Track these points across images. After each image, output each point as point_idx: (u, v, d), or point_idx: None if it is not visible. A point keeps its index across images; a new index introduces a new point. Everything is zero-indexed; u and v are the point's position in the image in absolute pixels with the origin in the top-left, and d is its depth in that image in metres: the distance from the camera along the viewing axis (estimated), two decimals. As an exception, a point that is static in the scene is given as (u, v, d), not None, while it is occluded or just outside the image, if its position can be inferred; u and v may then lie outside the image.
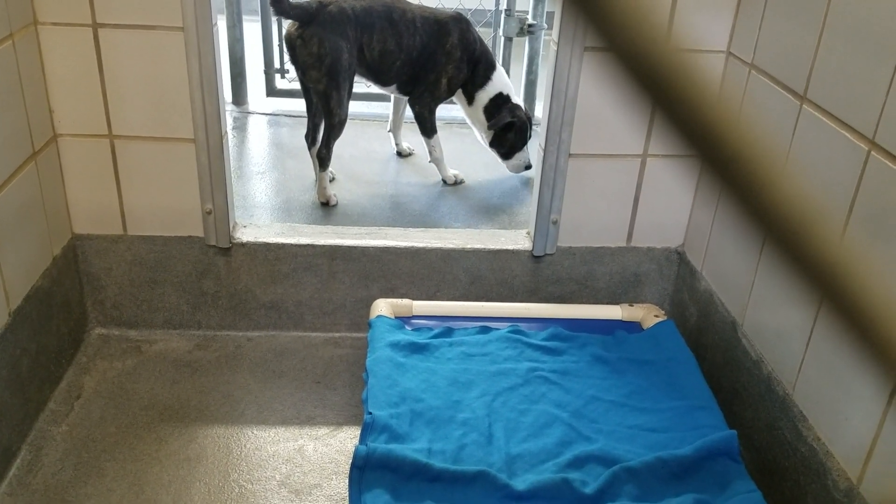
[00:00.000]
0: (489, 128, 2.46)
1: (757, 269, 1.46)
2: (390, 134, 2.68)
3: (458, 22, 2.35)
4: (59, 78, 1.54)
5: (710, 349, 1.65)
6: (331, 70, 2.15)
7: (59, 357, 1.63)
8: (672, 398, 1.45)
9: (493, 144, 2.48)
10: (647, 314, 1.71)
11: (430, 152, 2.47)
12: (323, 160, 2.23)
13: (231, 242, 1.73)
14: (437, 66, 2.35)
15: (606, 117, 1.65)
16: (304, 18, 2.13)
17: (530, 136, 2.49)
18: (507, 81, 2.47)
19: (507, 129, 2.44)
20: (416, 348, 1.53)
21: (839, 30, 1.22)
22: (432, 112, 2.44)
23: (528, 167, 2.49)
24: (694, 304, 1.74)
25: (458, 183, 2.48)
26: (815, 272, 0.29)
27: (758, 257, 1.46)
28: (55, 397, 1.57)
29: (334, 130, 2.22)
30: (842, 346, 1.19)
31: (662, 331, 1.64)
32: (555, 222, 1.75)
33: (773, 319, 1.41)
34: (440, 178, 2.49)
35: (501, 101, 2.43)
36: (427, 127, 2.43)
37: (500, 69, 2.46)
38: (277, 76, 3.07)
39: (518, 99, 2.49)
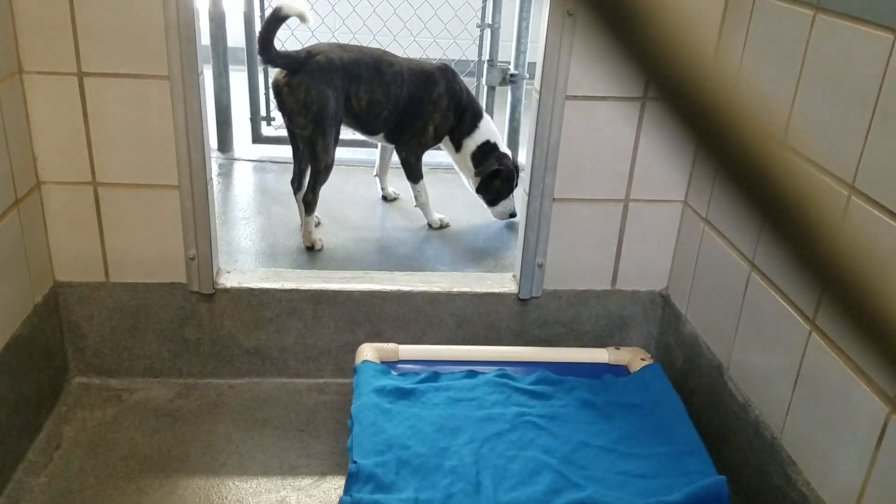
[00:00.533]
0: (476, 174, 2.49)
1: (741, 312, 1.47)
2: (376, 178, 2.70)
3: (445, 73, 2.39)
4: (43, 126, 1.54)
5: (697, 392, 1.64)
6: (317, 117, 2.17)
7: (39, 406, 1.59)
8: (661, 443, 1.44)
9: (479, 190, 2.50)
10: (633, 357, 1.71)
11: (416, 197, 2.48)
12: (309, 205, 2.24)
13: (214, 288, 1.71)
14: (424, 115, 2.38)
15: (589, 163, 1.67)
16: (292, 67, 2.16)
17: (516, 185, 2.52)
18: (494, 130, 2.51)
19: (494, 177, 2.46)
20: (402, 394, 1.51)
21: (817, 75, 1.25)
22: (419, 158, 2.46)
23: (513, 215, 2.52)
24: (679, 348, 1.74)
25: (443, 227, 2.49)
26: (817, 263, 0.29)
27: (741, 300, 1.46)
28: (34, 448, 1.54)
29: (320, 176, 2.23)
30: (830, 387, 1.19)
31: (649, 374, 1.63)
32: (540, 265, 1.75)
33: (759, 362, 1.41)
34: (426, 222, 2.50)
35: (489, 148, 2.46)
36: (413, 173, 2.45)
37: (486, 118, 2.50)
38: (263, 123, 3.09)
39: (505, 148, 2.53)
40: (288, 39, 3.15)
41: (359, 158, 3.03)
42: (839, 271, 0.28)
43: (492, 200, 2.50)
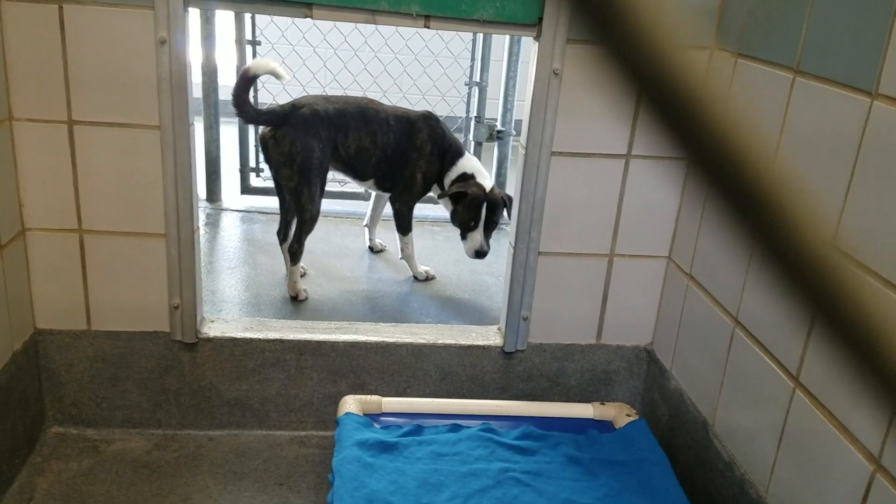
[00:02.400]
0: (439, 196, 2.46)
1: (725, 369, 1.47)
2: (366, 228, 2.71)
3: (428, 119, 2.43)
4: (31, 172, 1.55)
5: (683, 450, 1.63)
6: (302, 168, 2.18)
7: (13, 456, 1.56)
8: (646, 501, 1.43)
9: (452, 220, 2.44)
10: (618, 413, 1.70)
11: (402, 249, 2.49)
12: (294, 255, 2.24)
13: (197, 337, 1.70)
14: (410, 162, 2.40)
15: (574, 217, 1.69)
16: (275, 122, 2.19)
17: (495, 222, 2.40)
18: (475, 164, 2.45)
19: (457, 201, 2.38)
20: (384, 447, 1.49)
21: (797, 135, 1.28)
22: (411, 210, 2.47)
23: (483, 254, 2.38)
24: (665, 404, 1.73)
25: (428, 279, 2.49)
26: (808, 277, 0.28)
27: (726, 356, 1.46)
28: (6, 499, 1.50)
29: (305, 225, 2.24)
30: (814, 445, 1.19)
31: (635, 430, 1.62)
32: (525, 319, 1.75)
33: (744, 420, 1.40)
34: (412, 274, 2.50)
35: (464, 178, 2.42)
36: (404, 224, 2.46)
37: (468, 156, 2.47)
38: (252, 174, 3.11)
39: (488, 182, 2.44)
40: (279, 94, 3.21)
41: (346, 210, 3.05)
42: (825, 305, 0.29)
43: (462, 233, 2.39)
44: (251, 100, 2.20)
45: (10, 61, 1.47)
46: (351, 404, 1.62)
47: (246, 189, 3.09)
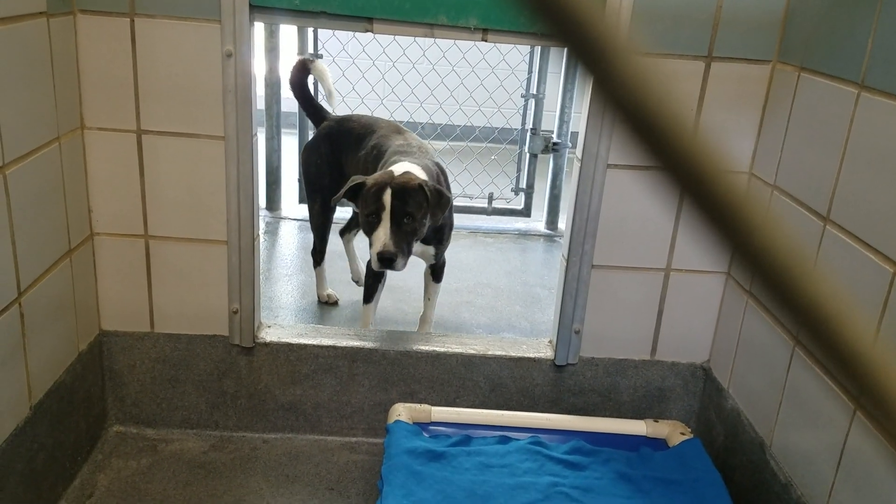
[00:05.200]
0: (332, 202, 1.94)
1: (784, 389, 1.43)
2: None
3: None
4: (100, 179, 1.61)
5: (738, 470, 1.59)
6: (304, 177, 2.33)
7: (76, 454, 1.61)
8: (698, 521, 1.40)
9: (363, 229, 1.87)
10: (672, 431, 1.67)
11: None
12: (313, 257, 2.35)
13: (255, 342, 1.74)
14: None
15: (629, 231, 1.67)
16: (314, 121, 2.37)
17: (409, 213, 1.73)
18: (408, 166, 1.88)
19: (354, 196, 1.83)
20: (433, 456, 1.49)
21: (861, 152, 1.24)
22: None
23: (389, 259, 1.71)
24: (721, 423, 1.70)
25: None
26: (850, 368, 0.29)
27: (785, 376, 1.43)
28: (67, 495, 1.55)
29: (314, 234, 2.34)
30: (874, 468, 1.15)
31: (689, 449, 1.59)
32: (577, 332, 1.74)
33: (802, 441, 1.36)
34: (463, 285, 2.51)
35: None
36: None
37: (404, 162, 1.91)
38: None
39: (419, 173, 1.85)
40: (338, 106, 3.26)
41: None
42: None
43: (367, 235, 1.82)
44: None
45: (83, 72, 1.53)
46: (401, 412, 1.63)
47: (304, 198, 3.15)
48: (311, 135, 3.15)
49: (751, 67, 1.56)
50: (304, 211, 3.10)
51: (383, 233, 1.72)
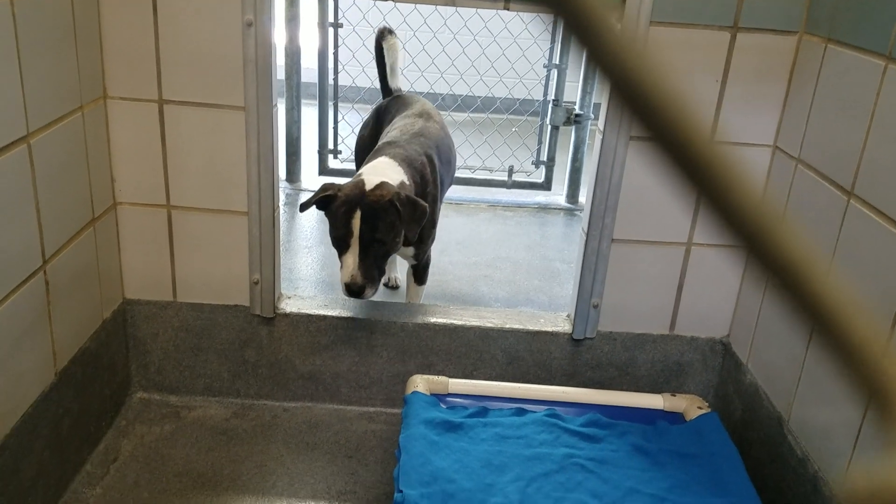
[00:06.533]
0: (300, 208, 1.76)
1: (804, 364, 1.43)
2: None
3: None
4: (123, 149, 1.62)
5: (755, 445, 1.60)
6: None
7: (100, 419, 1.65)
8: (714, 494, 1.40)
9: None
10: (690, 405, 1.67)
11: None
12: None
13: (275, 312, 1.75)
14: None
15: (651, 205, 1.66)
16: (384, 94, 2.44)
17: (378, 240, 1.65)
18: (384, 167, 1.82)
19: (325, 206, 1.72)
20: (450, 427, 1.51)
21: (887, 126, 1.22)
22: None
23: (356, 291, 1.66)
24: (739, 398, 1.70)
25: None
26: (861, 368, 0.29)
27: (804, 351, 1.42)
28: (92, 459, 1.59)
29: None
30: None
31: (706, 424, 1.59)
32: (596, 306, 1.74)
33: (820, 416, 1.36)
34: (482, 258, 2.51)
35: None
36: None
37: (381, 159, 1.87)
38: (330, 156, 3.17)
39: (396, 171, 1.78)
40: (358, 76, 3.24)
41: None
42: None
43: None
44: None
45: (105, 42, 1.54)
46: (419, 383, 1.65)
47: (324, 170, 3.15)
48: (331, 106, 3.15)
49: (777, 39, 1.53)
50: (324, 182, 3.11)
51: (352, 261, 1.67)
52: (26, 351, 1.32)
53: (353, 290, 1.67)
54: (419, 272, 2.03)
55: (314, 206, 1.74)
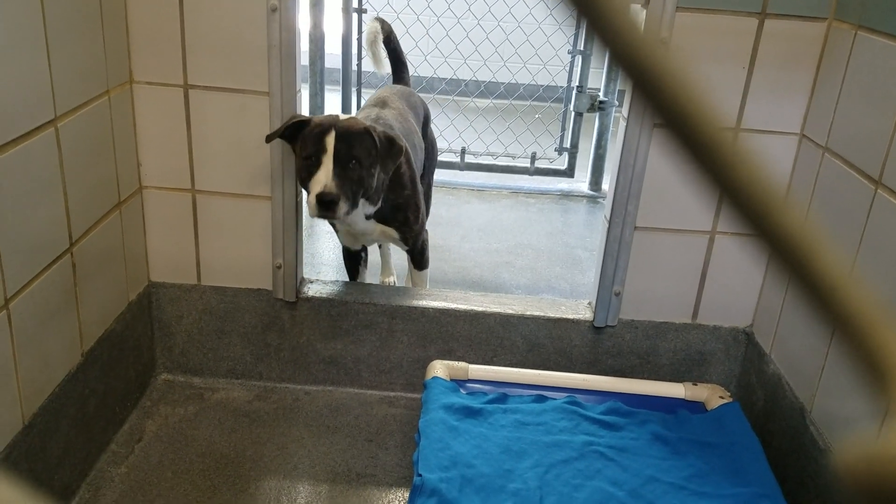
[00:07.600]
0: (266, 139, 1.60)
1: (827, 355, 1.41)
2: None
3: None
4: (148, 133, 1.64)
5: (777, 435, 1.58)
6: None
7: (125, 400, 1.68)
8: (735, 484, 1.40)
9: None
10: (711, 395, 1.66)
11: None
12: None
13: (297, 297, 1.77)
14: None
15: (674, 192, 1.65)
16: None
17: (354, 157, 1.54)
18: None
19: (293, 138, 1.60)
20: (469, 412, 1.52)
21: (917, 114, 1.20)
22: None
23: (329, 202, 1.51)
24: (761, 388, 1.68)
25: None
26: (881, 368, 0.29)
27: (828, 342, 1.41)
28: (117, 439, 1.62)
29: None
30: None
31: (727, 413, 1.58)
32: (617, 294, 1.73)
33: (843, 407, 1.35)
34: (503, 245, 2.51)
35: None
36: None
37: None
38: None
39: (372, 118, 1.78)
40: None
41: (440, 180, 3.07)
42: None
43: (303, 183, 1.61)
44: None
45: (131, 26, 1.55)
46: (439, 369, 1.66)
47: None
48: (354, 92, 3.15)
49: (806, 25, 1.50)
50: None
51: (324, 175, 1.51)
52: (53, 332, 1.35)
53: (324, 199, 1.49)
54: (416, 258, 1.95)
55: (280, 138, 1.59)
